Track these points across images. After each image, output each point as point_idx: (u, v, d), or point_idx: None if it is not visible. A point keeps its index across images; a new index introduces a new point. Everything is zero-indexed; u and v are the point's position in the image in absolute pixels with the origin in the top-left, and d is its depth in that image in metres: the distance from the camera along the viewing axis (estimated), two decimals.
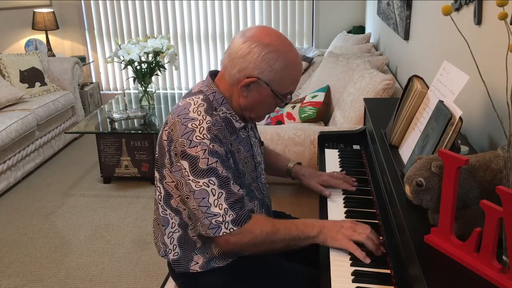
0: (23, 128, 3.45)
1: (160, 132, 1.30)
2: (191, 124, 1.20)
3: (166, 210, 1.34)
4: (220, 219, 1.20)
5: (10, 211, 3.14)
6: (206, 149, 1.18)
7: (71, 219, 3.02)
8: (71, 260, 2.58)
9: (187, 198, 1.23)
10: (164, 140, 1.27)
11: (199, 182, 1.19)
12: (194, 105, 1.25)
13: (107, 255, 2.61)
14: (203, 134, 1.19)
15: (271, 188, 1.61)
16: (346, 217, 1.37)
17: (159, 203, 1.35)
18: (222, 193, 1.20)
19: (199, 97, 1.27)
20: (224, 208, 1.20)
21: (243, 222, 1.21)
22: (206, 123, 1.21)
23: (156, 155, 1.32)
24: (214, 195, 1.20)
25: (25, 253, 2.65)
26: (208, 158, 1.19)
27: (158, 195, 1.35)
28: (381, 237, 1.22)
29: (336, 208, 1.42)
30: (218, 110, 1.27)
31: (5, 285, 2.39)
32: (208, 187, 1.20)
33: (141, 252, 2.62)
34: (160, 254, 1.41)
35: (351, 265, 1.15)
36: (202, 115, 1.22)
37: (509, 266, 0.83)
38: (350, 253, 1.19)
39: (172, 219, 1.34)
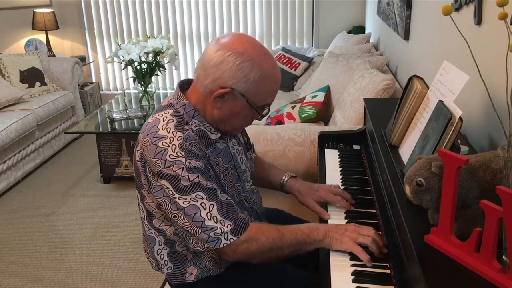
0: (23, 128, 3.45)
1: (134, 152, 1.25)
2: (162, 143, 1.15)
3: (151, 229, 1.32)
4: (219, 231, 1.17)
5: (10, 211, 3.14)
6: (183, 167, 1.14)
7: (71, 219, 3.02)
8: (71, 260, 2.58)
9: (175, 216, 1.18)
10: (138, 161, 1.21)
11: (186, 198, 1.15)
12: (163, 121, 1.19)
13: (107, 255, 2.61)
14: (176, 152, 1.14)
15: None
16: (345, 217, 1.37)
17: (144, 222, 1.33)
18: (213, 205, 1.17)
19: (168, 112, 1.21)
20: (220, 220, 1.17)
21: (242, 231, 1.19)
22: (178, 140, 1.15)
23: (134, 175, 1.29)
24: (205, 209, 1.16)
25: (25, 253, 2.65)
26: (188, 175, 1.14)
27: (142, 214, 1.32)
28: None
29: (336, 208, 1.42)
30: (190, 123, 1.21)
31: (5, 285, 2.38)
32: (197, 202, 1.16)
33: (141, 252, 2.62)
34: (153, 268, 1.39)
35: (351, 265, 1.15)
36: (172, 132, 1.17)
37: (509, 266, 0.83)
38: (350, 253, 1.19)
39: (157, 237, 1.31)
